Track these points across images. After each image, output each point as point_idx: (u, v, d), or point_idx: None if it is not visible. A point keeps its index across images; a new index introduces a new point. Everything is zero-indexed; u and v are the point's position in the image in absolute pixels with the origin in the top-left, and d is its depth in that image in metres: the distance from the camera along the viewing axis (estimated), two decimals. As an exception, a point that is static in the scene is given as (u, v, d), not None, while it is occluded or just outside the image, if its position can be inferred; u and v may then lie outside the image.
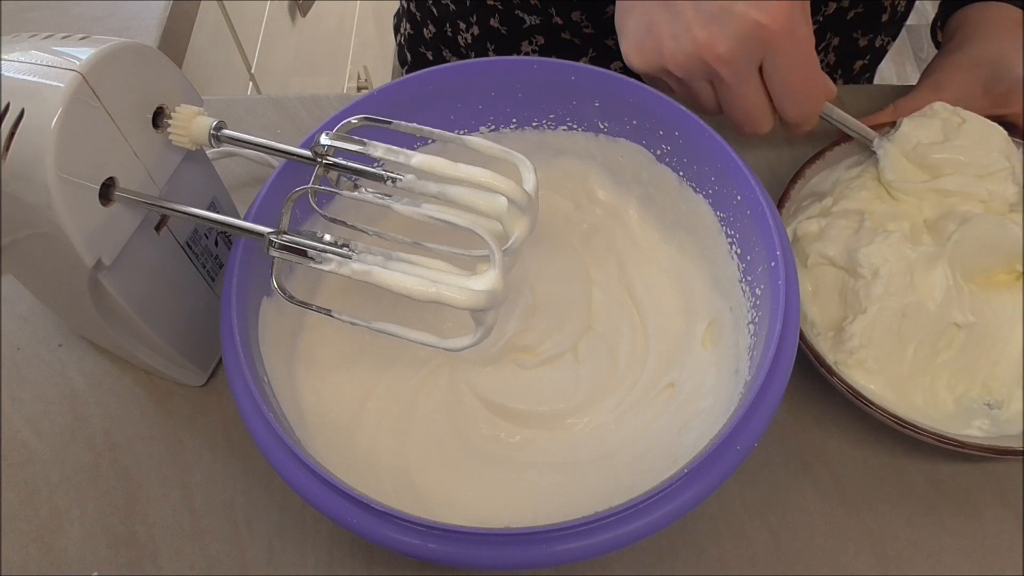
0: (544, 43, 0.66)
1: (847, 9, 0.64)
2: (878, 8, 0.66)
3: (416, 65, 0.76)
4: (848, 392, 0.43)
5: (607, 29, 0.63)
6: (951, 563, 0.44)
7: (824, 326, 0.48)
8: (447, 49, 0.72)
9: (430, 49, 0.73)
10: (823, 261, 0.48)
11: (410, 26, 0.75)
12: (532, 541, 0.34)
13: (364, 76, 1.58)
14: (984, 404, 0.46)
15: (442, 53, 0.72)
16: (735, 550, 0.44)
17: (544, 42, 0.66)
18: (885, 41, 0.71)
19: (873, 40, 0.69)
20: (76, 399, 0.49)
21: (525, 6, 0.64)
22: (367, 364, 0.46)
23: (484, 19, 0.67)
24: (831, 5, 0.62)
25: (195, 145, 0.39)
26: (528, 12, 0.65)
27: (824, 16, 0.63)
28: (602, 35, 0.64)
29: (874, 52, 0.71)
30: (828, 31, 0.66)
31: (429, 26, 0.72)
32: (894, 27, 0.71)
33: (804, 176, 0.51)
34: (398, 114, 0.40)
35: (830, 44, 0.67)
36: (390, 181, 0.36)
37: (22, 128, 0.34)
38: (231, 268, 0.39)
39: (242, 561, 0.44)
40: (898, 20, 0.70)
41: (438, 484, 0.43)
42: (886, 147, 0.51)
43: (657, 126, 0.45)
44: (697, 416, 0.42)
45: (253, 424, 0.36)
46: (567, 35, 0.64)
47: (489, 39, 0.68)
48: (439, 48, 0.72)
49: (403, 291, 0.34)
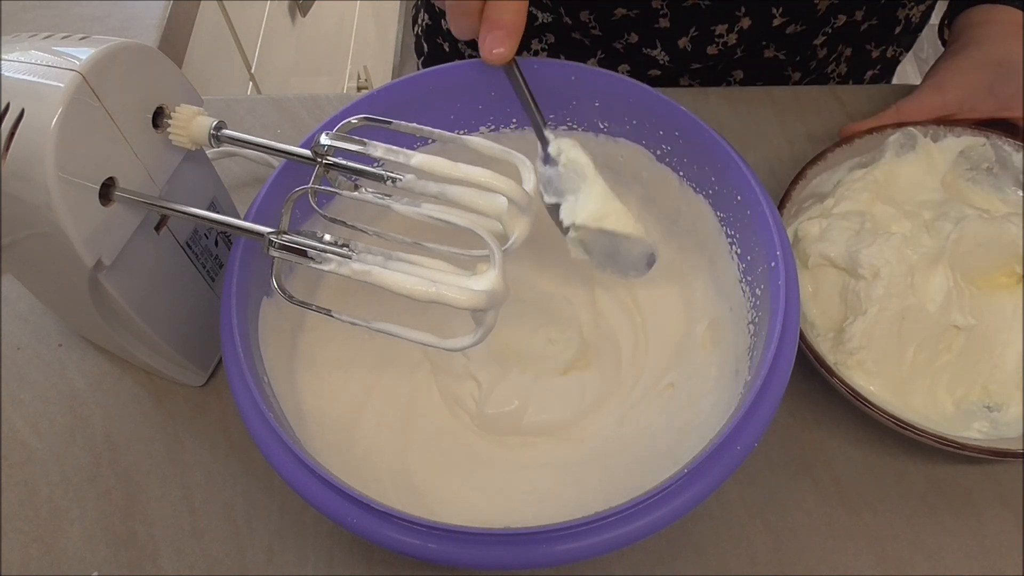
0: (554, 42, 0.66)
1: (860, 22, 0.64)
2: (892, 20, 0.66)
3: (432, 56, 0.77)
4: (848, 393, 0.43)
5: (615, 32, 0.63)
6: (951, 563, 0.44)
7: (824, 327, 0.48)
8: (463, 40, 0.72)
9: (447, 40, 0.74)
10: (824, 262, 0.48)
11: (428, 16, 0.75)
12: (532, 541, 0.34)
13: (364, 76, 1.58)
14: (984, 407, 0.46)
15: (458, 45, 0.73)
16: (735, 550, 0.44)
17: (554, 40, 0.66)
18: (898, 52, 0.71)
19: (885, 51, 0.69)
20: (76, 399, 0.49)
21: (537, 2, 0.64)
22: (367, 364, 0.46)
23: None
24: (840, 18, 0.62)
25: (195, 145, 0.39)
26: (540, 9, 0.64)
27: (834, 28, 0.63)
28: (610, 38, 0.64)
29: (886, 63, 0.71)
30: (840, 43, 0.66)
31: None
32: (908, 38, 0.70)
33: (805, 177, 0.51)
34: (398, 114, 0.40)
35: (842, 55, 0.67)
36: (390, 181, 0.36)
37: (22, 128, 0.34)
38: (231, 268, 0.39)
39: (242, 561, 0.44)
40: (912, 31, 0.70)
41: (438, 484, 0.43)
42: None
43: (657, 126, 0.45)
44: (697, 416, 0.42)
45: (253, 424, 0.36)
46: (577, 35, 0.65)
47: None
48: (456, 39, 0.73)
49: (403, 291, 0.34)
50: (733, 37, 0.60)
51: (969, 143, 0.53)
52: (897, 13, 0.65)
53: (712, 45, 0.61)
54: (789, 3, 0.59)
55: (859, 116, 0.53)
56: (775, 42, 0.63)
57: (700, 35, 0.60)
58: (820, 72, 0.68)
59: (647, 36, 0.62)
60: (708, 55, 0.62)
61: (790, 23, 0.61)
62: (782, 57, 0.64)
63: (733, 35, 0.60)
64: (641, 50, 0.63)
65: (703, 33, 0.60)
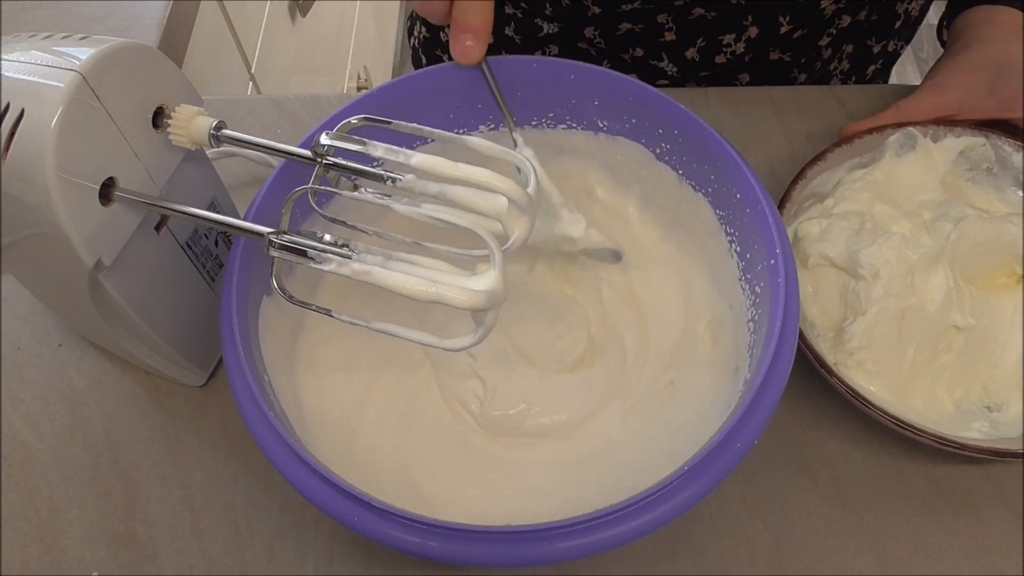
0: (559, 53, 0.66)
1: (862, 20, 0.64)
2: (892, 15, 0.66)
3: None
4: (848, 393, 0.43)
5: (621, 46, 0.62)
6: (951, 563, 0.44)
7: (824, 327, 0.48)
8: None
9: (446, 52, 0.73)
10: (824, 262, 0.48)
11: (425, 29, 0.74)
12: (533, 539, 0.34)
13: (364, 76, 1.58)
14: (984, 407, 0.46)
15: None
16: (735, 550, 0.44)
17: (559, 52, 0.66)
18: (899, 45, 0.71)
19: (886, 46, 0.69)
20: (76, 399, 0.49)
21: (542, 14, 0.64)
22: (367, 363, 0.46)
23: (499, 27, 0.66)
24: (845, 19, 0.62)
25: (195, 145, 0.39)
26: (546, 20, 0.64)
27: (838, 29, 0.63)
28: (616, 51, 0.63)
29: (887, 57, 0.71)
30: (844, 42, 0.66)
31: (446, 30, 0.72)
32: (908, 31, 0.70)
33: (805, 177, 0.51)
34: (398, 114, 0.40)
35: (844, 52, 0.67)
36: (390, 181, 0.36)
37: (22, 128, 0.34)
38: (231, 268, 0.39)
39: (242, 561, 0.44)
40: (912, 24, 0.70)
41: (438, 482, 0.43)
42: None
43: (656, 124, 0.45)
44: (697, 413, 0.42)
45: (254, 423, 0.36)
46: (583, 45, 0.64)
47: (504, 48, 0.68)
48: None
49: (403, 291, 0.34)
50: (741, 46, 0.60)
51: (969, 143, 0.53)
52: (897, 8, 0.66)
53: (720, 55, 0.61)
54: (796, 10, 0.59)
55: (859, 116, 0.53)
56: (781, 46, 0.63)
57: (708, 45, 0.61)
58: (824, 71, 0.68)
59: (653, 50, 0.62)
60: (716, 64, 0.62)
61: (797, 28, 0.61)
62: (787, 59, 0.65)
63: (741, 44, 0.60)
64: (648, 62, 0.63)
65: (711, 44, 0.60)
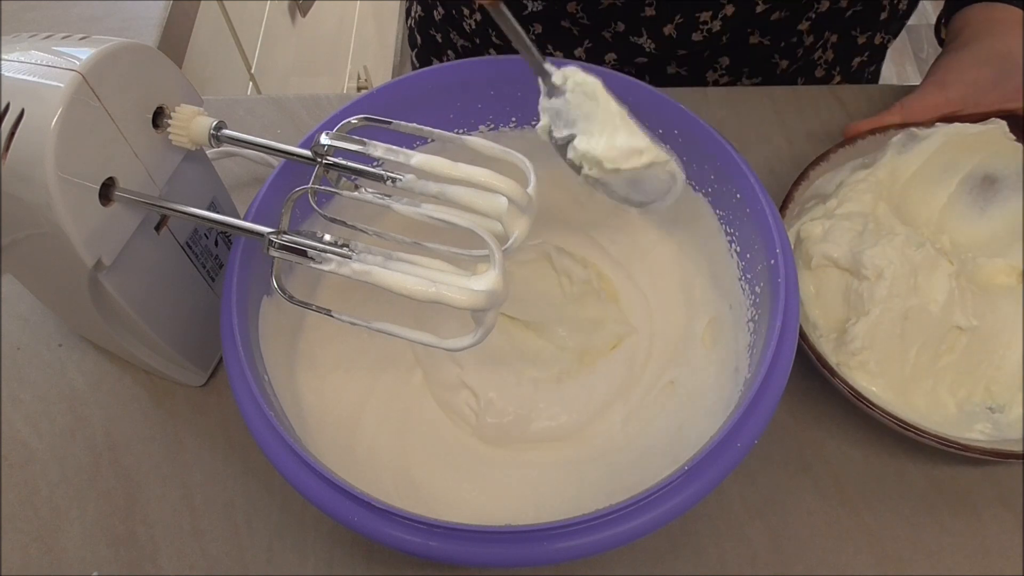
0: (542, 31, 0.66)
1: (845, 8, 0.64)
2: (877, 5, 0.66)
3: (425, 47, 0.77)
4: (850, 394, 0.43)
5: (603, 21, 0.63)
6: (951, 563, 0.44)
7: (827, 328, 0.48)
8: (454, 31, 0.72)
9: (439, 31, 0.74)
10: (827, 263, 0.48)
11: (420, 8, 0.76)
12: (533, 539, 0.34)
13: (364, 76, 1.58)
14: (986, 408, 0.46)
15: (450, 36, 0.73)
16: (735, 550, 0.44)
17: (542, 30, 0.66)
18: (885, 39, 0.71)
19: (872, 37, 0.69)
20: (76, 399, 0.49)
21: None
22: (367, 364, 0.46)
23: (484, 8, 0.67)
24: (824, 3, 0.62)
25: (195, 145, 0.39)
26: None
27: (817, 13, 0.63)
28: (597, 27, 0.64)
29: (874, 49, 0.71)
30: (826, 29, 0.66)
31: (439, 8, 0.73)
32: (895, 25, 0.71)
33: (808, 178, 0.51)
34: (398, 114, 0.40)
35: (828, 41, 0.67)
36: (390, 181, 0.36)
37: (22, 128, 0.34)
38: (231, 268, 0.39)
39: (242, 561, 0.44)
40: (899, 18, 0.70)
41: (439, 482, 0.43)
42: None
43: (656, 124, 0.45)
44: (697, 414, 0.42)
45: (254, 423, 0.36)
46: (566, 23, 0.65)
47: (491, 25, 0.68)
48: (447, 30, 0.73)
49: (403, 291, 0.34)
50: (717, 24, 0.61)
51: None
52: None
53: (697, 32, 0.62)
54: None
55: (859, 116, 0.53)
56: (760, 28, 0.63)
57: (685, 22, 0.61)
58: (807, 59, 0.68)
59: (633, 24, 0.62)
60: (693, 42, 0.63)
61: (773, 10, 0.61)
62: (767, 43, 0.65)
63: (717, 22, 0.61)
64: (628, 38, 0.64)
65: (688, 20, 0.61)
